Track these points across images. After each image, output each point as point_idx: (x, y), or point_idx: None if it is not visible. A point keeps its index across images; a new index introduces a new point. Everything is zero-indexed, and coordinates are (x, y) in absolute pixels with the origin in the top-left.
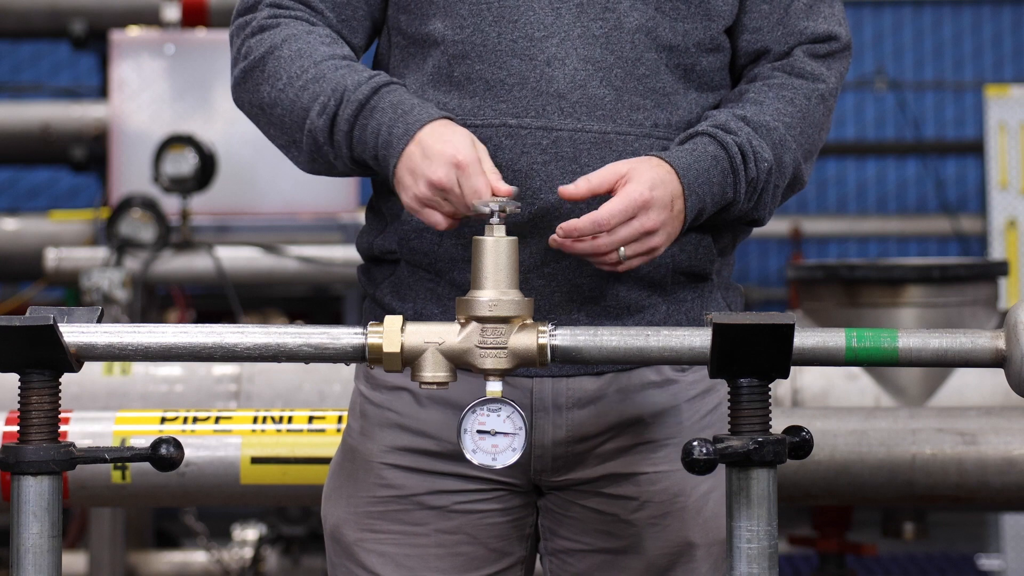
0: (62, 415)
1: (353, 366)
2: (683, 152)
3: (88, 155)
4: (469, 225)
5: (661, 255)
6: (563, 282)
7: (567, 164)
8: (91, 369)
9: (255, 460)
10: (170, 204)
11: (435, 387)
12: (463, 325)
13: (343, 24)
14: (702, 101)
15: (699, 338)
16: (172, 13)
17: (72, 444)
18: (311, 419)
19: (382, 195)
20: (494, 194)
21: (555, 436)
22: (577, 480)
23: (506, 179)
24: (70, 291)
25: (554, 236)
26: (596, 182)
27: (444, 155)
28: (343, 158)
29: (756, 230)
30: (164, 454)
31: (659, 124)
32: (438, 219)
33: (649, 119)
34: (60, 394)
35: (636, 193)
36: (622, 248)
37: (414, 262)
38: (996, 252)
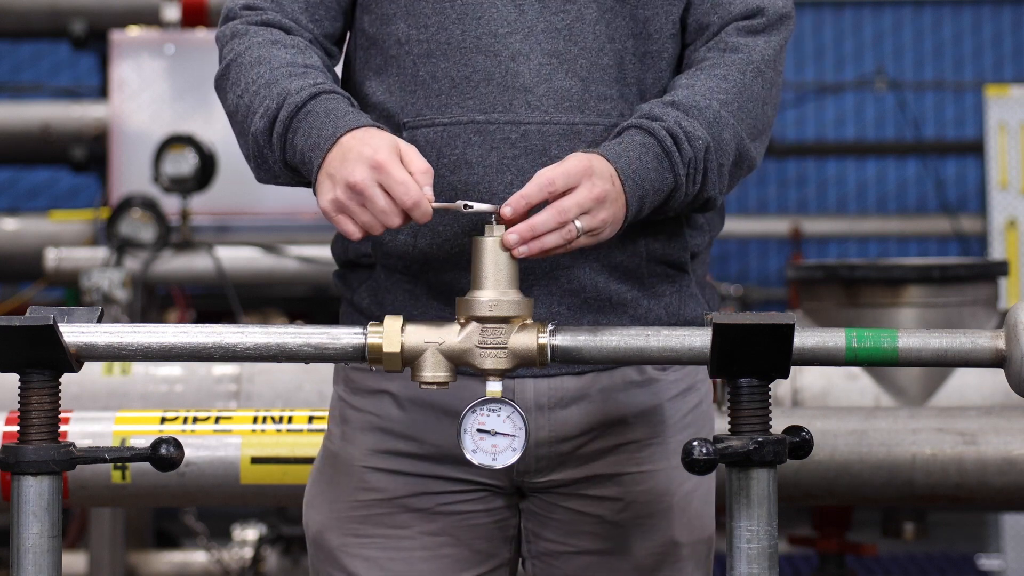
0: (62, 415)
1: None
2: (611, 144)
3: (88, 155)
4: (444, 224)
5: (634, 242)
6: (541, 275)
7: (537, 157)
8: (91, 369)
9: (255, 460)
10: (170, 204)
11: (435, 387)
12: (463, 325)
13: (316, 25)
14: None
15: (699, 338)
16: (172, 13)
17: (72, 444)
18: (311, 419)
19: None
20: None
21: (538, 436)
22: (560, 481)
23: (477, 175)
24: (70, 291)
25: (519, 248)
26: (529, 193)
27: (362, 156)
28: (279, 163)
29: (756, 230)
30: (164, 454)
31: (626, 114)
32: (351, 228)
33: (616, 108)
34: (60, 394)
35: (576, 161)
36: (578, 221)
37: (389, 265)
38: (996, 252)
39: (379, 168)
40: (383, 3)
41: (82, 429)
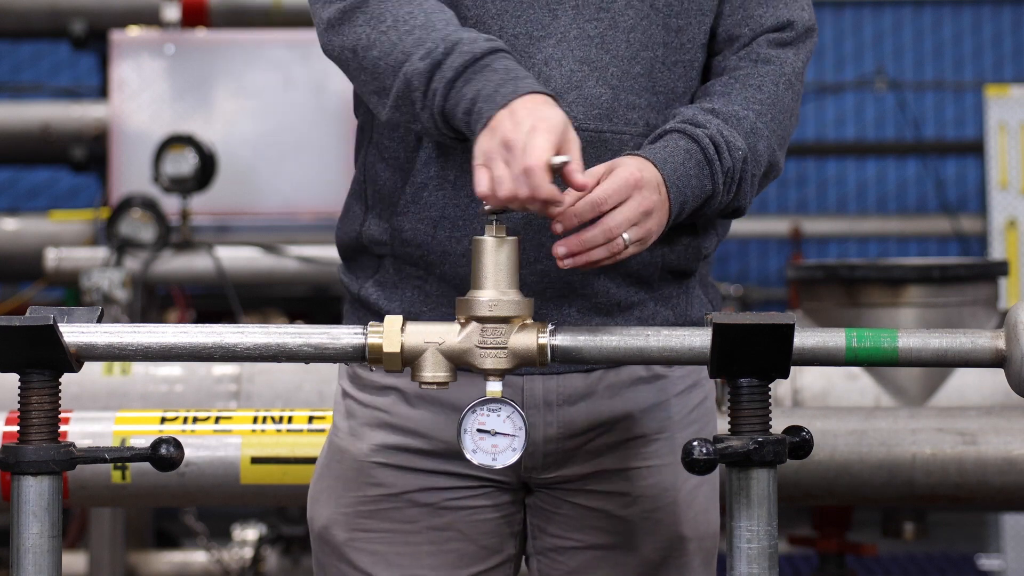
0: (62, 415)
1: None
2: (656, 148)
3: (88, 155)
4: (464, 217)
5: (651, 254)
6: (555, 279)
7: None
8: (91, 369)
9: (255, 460)
10: (170, 204)
11: (435, 387)
12: (463, 325)
13: None
14: None
15: (699, 338)
16: (172, 13)
17: (72, 444)
18: (311, 419)
19: (370, 179)
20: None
21: (546, 433)
22: (568, 477)
23: None
24: (70, 291)
25: (565, 261)
26: (580, 212)
27: (533, 114)
28: (431, 108)
29: (756, 230)
30: (164, 454)
31: (651, 124)
32: (487, 180)
33: (643, 118)
34: (60, 394)
35: (627, 173)
36: (626, 233)
37: (404, 256)
38: (996, 252)
39: (534, 131)
40: None
41: (82, 429)
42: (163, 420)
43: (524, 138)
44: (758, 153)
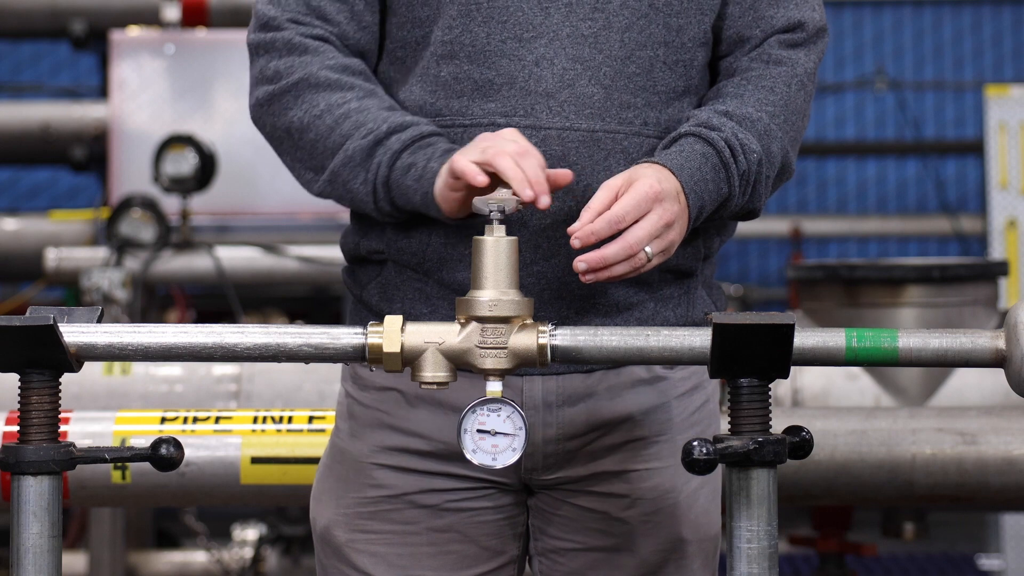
0: (62, 415)
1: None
2: (672, 154)
3: (88, 155)
4: (459, 223)
5: None
6: (552, 280)
7: (556, 162)
8: (91, 369)
9: (255, 460)
10: (170, 204)
11: (435, 387)
12: (463, 325)
13: (363, 32)
14: (697, 101)
15: (699, 338)
16: (172, 13)
17: (72, 444)
18: (311, 419)
19: None
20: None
21: (546, 434)
22: (568, 478)
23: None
24: (70, 291)
25: (587, 276)
26: (597, 206)
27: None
28: (373, 181)
29: (756, 230)
30: (164, 454)
31: (648, 122)
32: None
33: (639, 117)
34: (60, 394)
35: (646, 186)
36: (648, 247)
37: (401, 262)
38: (996, 252)
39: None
40: (414, 5)
41: (82, 429)
42: (163, 420)
43: (511, 135)
44: (772, 155)
